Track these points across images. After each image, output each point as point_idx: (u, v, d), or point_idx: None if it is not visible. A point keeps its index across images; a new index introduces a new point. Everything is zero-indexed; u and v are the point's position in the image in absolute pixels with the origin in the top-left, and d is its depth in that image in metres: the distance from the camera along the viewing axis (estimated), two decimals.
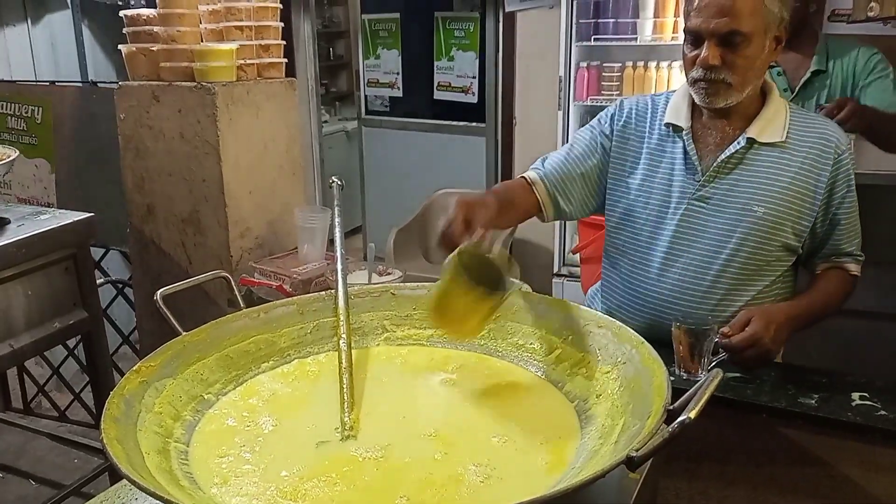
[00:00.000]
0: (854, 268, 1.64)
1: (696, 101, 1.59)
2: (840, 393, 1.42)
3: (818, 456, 1.40)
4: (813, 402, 1.38)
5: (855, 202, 1.60)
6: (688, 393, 0.94)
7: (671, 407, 0.95)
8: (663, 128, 1.67)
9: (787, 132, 1.58)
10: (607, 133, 1.73)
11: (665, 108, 1.68)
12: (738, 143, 1.58)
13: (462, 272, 1.19)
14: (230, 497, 0.98)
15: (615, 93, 3.71)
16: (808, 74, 2.68)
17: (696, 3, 1.51)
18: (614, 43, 3.70)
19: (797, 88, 2.70)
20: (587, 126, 1.79)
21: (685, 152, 1.62)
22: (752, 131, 1.58)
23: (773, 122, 1.58)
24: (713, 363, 1.45)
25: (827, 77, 2.67)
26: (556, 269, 3.96)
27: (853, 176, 1.59)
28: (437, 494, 0.97)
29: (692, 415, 0.84)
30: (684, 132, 1.62)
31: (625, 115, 1.73)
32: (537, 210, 1.73)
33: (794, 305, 1.57)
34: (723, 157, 1.58)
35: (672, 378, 1.26)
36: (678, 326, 1.46)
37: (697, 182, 1.60)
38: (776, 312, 1.48)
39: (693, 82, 1.55)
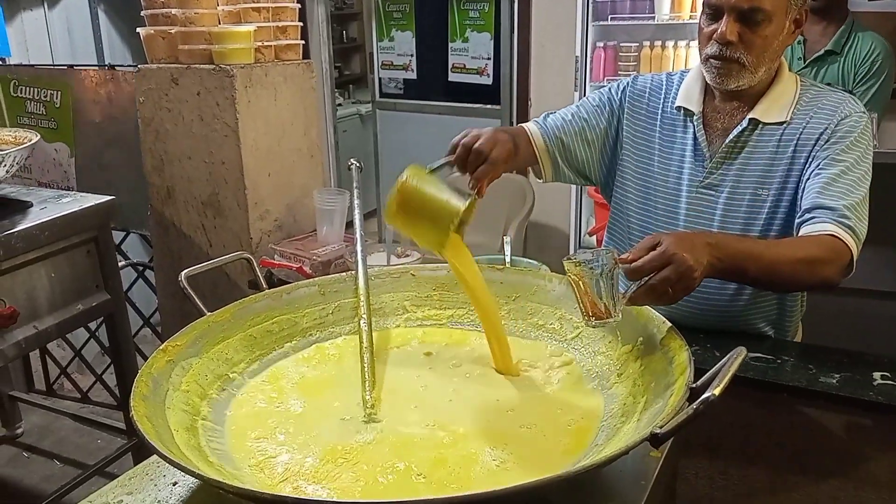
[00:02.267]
0: (833, 228, 1.35)
1: (707, 80, 1.53)
2: (861, 372, 1.40)
3: (839, 435, 1.40)
4: (834, 381, 1.38)
5: (851, 162, 1.44)
6: (710, 371, 0.95)
7: (694, 385, 0.96)
8: (674, 111, 1.61)
9: (793, 111, 1.51)
10: (616, 103, 1.67)
11: (678, 88, 1.63)
12: (741, 125, 1.52)
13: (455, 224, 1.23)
14: (259, 477, 1.00)
15: (632, 73, 3.68)
16: (821, 51, 2.70)
17: None
18: (631, 22, 3.67)
19: (808, 61, 2.73)
20: (596, 92, 1.73)
21: (695, 138, 1.57)
22: (756, 112, 1.51)
23: (779, 101, 1.51)
24: (625, 299, 1.14)
25: (839, 58, 2.69)
26: (571, 252, 3.96)
27: (860, 141, 1.46)
28: (451, 473, 0.98)
29: (716, 392, 0.84)
30: (695, 117, 1.57)
31: (638, 90, 1.68)
32: (534, 162, 1.68)
33: (715, 234, 1.40)
34: (727, 141, 1.53)
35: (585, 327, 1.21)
36: (572, 263, 1.13)
37: (705, 169, 1.55)
38: (690, 233, 1.32)
39: (706, 59, 1.49)
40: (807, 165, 1.47)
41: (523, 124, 1.71)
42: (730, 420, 1.41)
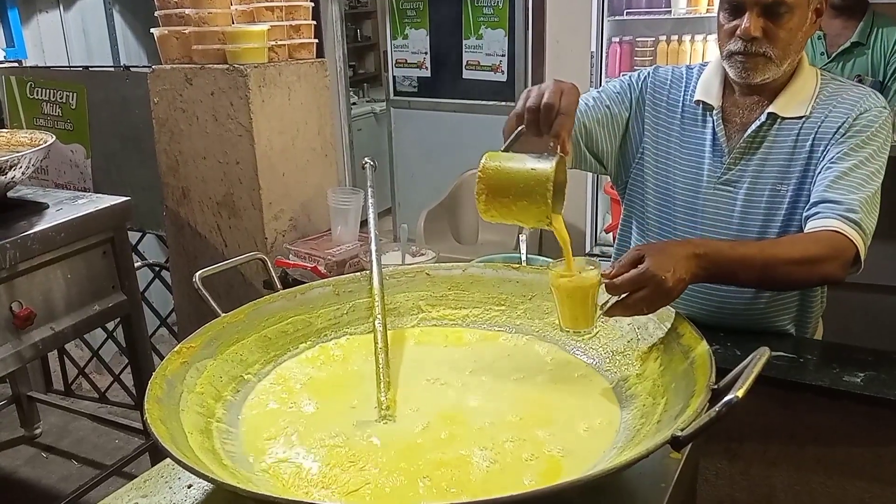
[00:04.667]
0: (837, 223, 1.33)
1: (732, 75, 1.49)
2: (886, 371, 1.38)
3: (863, 435, 1.37)
4: (858, 380, 1.35)
5: (865, 157, 1.40)
6: (733, 372, 0.93)
7: (715, 386, 0.94)
8: (694, 104, 1.58)
9: (813, 104, 1.47)
10: (637, 93, 1.63)
11: (697, 81, 1.59)
12: (759, 119, 1.49)
13: (550, 189, 1.11)
14: (270, 479, 0.99)
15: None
16: (847, 44, 2.68)
17: None
18: (647, 16, 3.64)
19: (834, 55, 2.71)
20: (617, 80, 1.70)
21: (714, 133, 1.54)
22: (775, 106, 1.48)
23: (799, 96, 1.48)
24: (601, 311, 1.19)
25: (866, 49, 2.66)
26: (588, 249, 3.93)
27: (877, 135, 1.42)
28: (458, 476, 0.97)
29: (739, 394, 0.82)
30: (714, 111, 1.54)
31: (659, 80, 1.64)
32: None
33: (707, 242, 1.35)
34: (745, 136, 1.50)
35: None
36: (554, 271, 1.19)
37: (723, 165, 1.52)
38: (676, 246, 1.27)
39: (729, 55, 1.46)
40: (821, 159, 1.44)
41: None
42: (751, 420, 1.39)
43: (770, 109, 1.48)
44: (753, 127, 1.49)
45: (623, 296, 1.15)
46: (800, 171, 1.47)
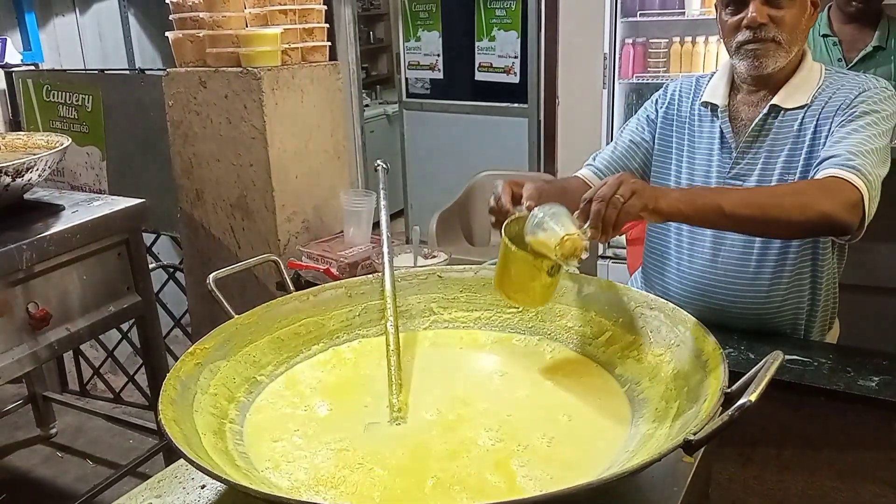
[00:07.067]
0: (834, 171, 1.33)
1: (743, 69, 1.52)
2: None
3: (878, 440, 1.37)
4: (873, 384, 1.35)
5: (865, 122, 1.40)
6: (746, 376, 0.92)
7: (728, 390, 0.94)
8: (701, 108, 1.62)
9: (815, 94, 1.50)
10: (653, 118, 1.71)
11: (706, 87, 1.64)
12: (762, 112, 1.52)
13: (511, 243, 1.18)
14: (279, 479, 0.99)
15: (662, 70, 3.64)
16: (868, 48, 2.68)
17: None
18: (661, 18, 3.63)
19: (855, 61, 2.70)
20: (635, 116, 1.77)
21: (721, 130, 1.58)
22: (777, 98, 1.51)
23: (801, 88, 1.51)
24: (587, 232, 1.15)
25: (890, 54, 2.67)
26: (601, 252, 3.92)
27: (879, 106, 1.43)
28: (467, 478, 0.97)
29: (752, 398, 0.82)
30: (720, 110, 1.58)
31: (668, 97, 1.70)
32: None
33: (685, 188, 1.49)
34: (750, 129, 1.53)
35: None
36: (511, 225, 1.23)
37: (731, 160, 1.56)
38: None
39: (738, 48, 1.49)
40: (826, 139, 1.46)
41: (577, 172, 1.74)
42: (764, 424, 1.39)
43: (772, 101, 1.51)
44: (757, 120, 1.53)
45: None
46: (805, 159, 1.48)
